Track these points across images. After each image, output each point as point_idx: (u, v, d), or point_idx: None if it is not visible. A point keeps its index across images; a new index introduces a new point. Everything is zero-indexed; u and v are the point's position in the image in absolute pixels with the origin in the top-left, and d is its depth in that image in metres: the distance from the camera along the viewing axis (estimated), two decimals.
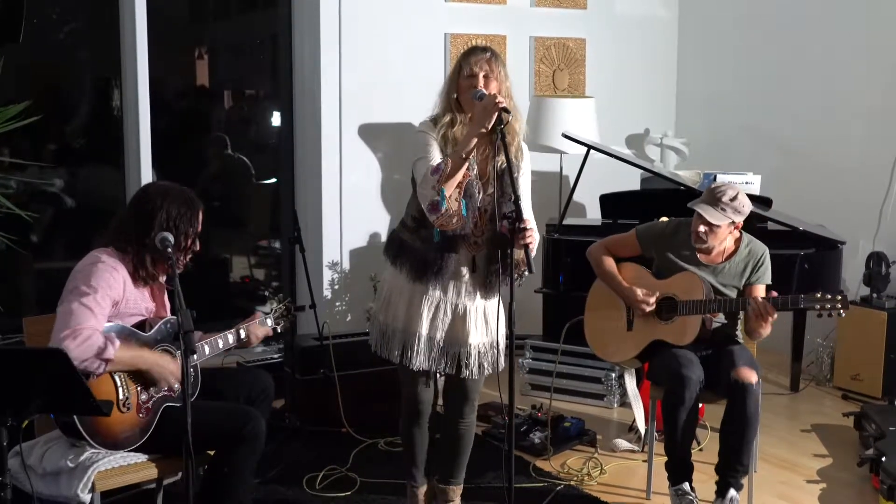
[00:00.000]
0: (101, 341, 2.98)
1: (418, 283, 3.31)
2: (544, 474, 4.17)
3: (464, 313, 3.35)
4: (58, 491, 3.04)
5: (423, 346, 3.33)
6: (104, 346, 2.97)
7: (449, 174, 3.10)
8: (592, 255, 4.08)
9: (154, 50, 5.05)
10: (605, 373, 5.05)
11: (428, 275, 3.29)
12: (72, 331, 2.95)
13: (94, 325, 2.99)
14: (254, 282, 6.25)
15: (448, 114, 3.29)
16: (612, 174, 5.66)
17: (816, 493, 4.09)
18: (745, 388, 3.61)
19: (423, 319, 3.33)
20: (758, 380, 3.65)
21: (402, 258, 3.36)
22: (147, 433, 3.13)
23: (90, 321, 2.99)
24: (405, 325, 3.35)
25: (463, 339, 3.36)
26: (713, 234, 3.74)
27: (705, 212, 3.70)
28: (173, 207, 3.21)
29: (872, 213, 5.52)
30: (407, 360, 3.35)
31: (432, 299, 3.32)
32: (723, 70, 6.43)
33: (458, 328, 3.36)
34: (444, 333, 3.35)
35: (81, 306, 3.00)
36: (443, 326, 3.35)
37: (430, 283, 3.30)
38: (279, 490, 3.94)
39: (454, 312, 3.35)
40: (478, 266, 3.33)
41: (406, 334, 3.35)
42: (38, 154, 5.30)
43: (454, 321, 3.36)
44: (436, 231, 3.25)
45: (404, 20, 5.57)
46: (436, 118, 3.32)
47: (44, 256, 5.42)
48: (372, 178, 5.54)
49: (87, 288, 3.04)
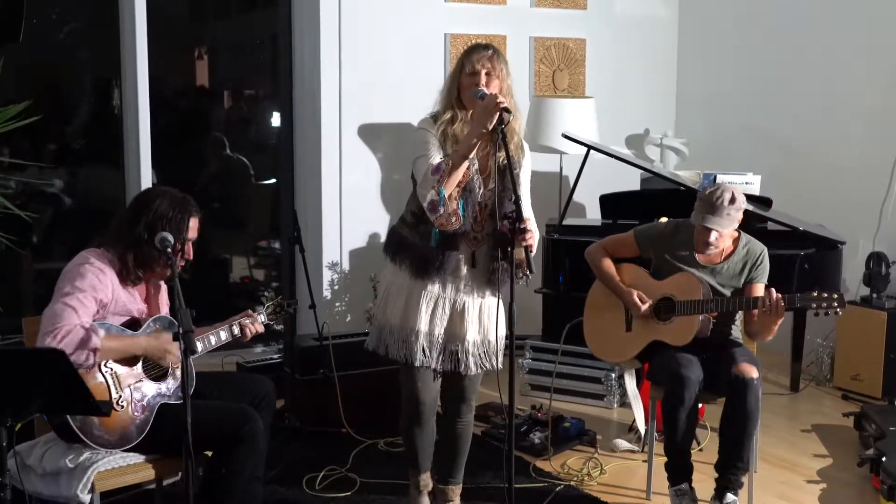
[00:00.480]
0: (83, 333, 2.97)
1: (418, 280, 3.31)
2: (544, 474, 4.17)
3: (462, 309, 3.35)
4: (57, 491, 3.04)
5: (422, 342, 3.32)
6: (87, 337, 2.96)
7: (449, 174, 3.10)
8: (591, 255, 4.08)
9: (154, 50, 5.05)
10: (604, 373, 5.04)
11: (429, 271, 3.28)
12: (52, 330, 2.95)
13: (75, 322, 2.98)
14: (253, 282, 6.26)
15: (449, 111, 3.29)
16: (612, 174, 5.66)
17: (817, 493, 4.08)
18: (746, 382, 3.61)
19: (422, 315, 3.32)
20: (758, 375, 3.65)
21: (401, 255, 3.35)
22: (144, 431, 3.12)
23: (72, 318, 2.98)
24: (403, 322, 3.34)
25: (461, 336, 3.35)
26: (721, 237, 3.75)
27: (715, 225, 3.68)
28: (165, 209, 3.18)
29: (872, 213, 5.52)
30: (406, 357, 3.34)
31: (431, 295, 3.32)
32: (723, 70, 6.43)
33: (457, 324, 3.35)
34: (443, 330, 3.35)
35: (64, 306, 3.00)
36: (441, 322, 3.34)
37: (430, 279, 3.30)
38: (279, 490, 3.93)
39: (452, 308, 3.34)
40: (478, 261, 3.33)
41: (405, 331, 3.34)
42: (37, 154, 5.30)
43: (452, 317, 3.35)
44: (434, 232, 3.25)
45: (404, 20, 5.57)
46: (436, 115, 3.32)
47: (43, 257, 5.42)
48: (372, 179, 5.54)
49: (71, 288, 3.04)
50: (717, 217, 3.69)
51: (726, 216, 3.69)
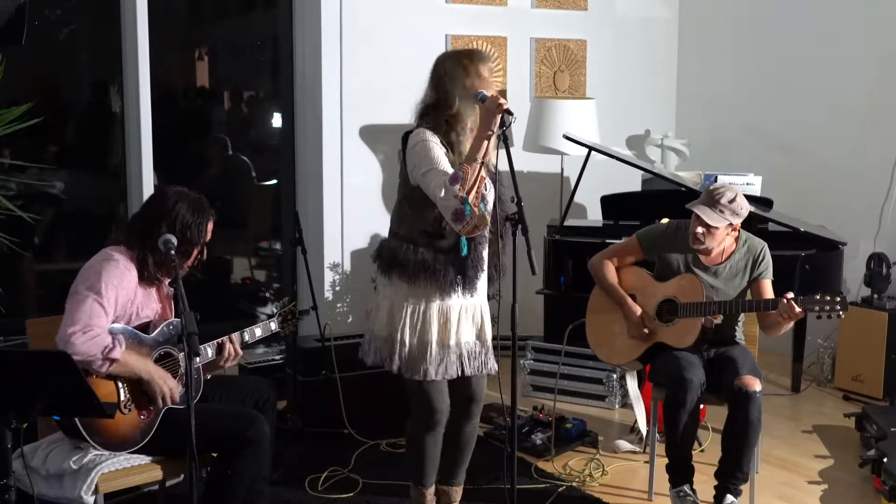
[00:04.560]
0: (109, 340, 2.97)
1: (447, 297, 3.28)
2: (546, 475, 4.17)
3: (469, 314, 3.36)
4: (62, 493, 3.04)
5: (436, 354, 3.31)
6: (112, 346, 2.97)
7: (468, 181, 3.07)
8: (594, 266, 4.07)
9: (154, 51, 5.05)
10: (606, 374, 5.05)
11: (464, 285, 3.26)
12: (82, 326, 2.94)
13: (104, 325, 2.99)
14: (255, 283, 6.25)
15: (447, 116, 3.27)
16: (613, 175, 5.67)
17: (818, 493, 4.09)
18: (749, 396, 3.61)
19: (436, 328, 3.31)
20: (761, 388, 3.65)
21: (423, 276, 3.26)
22: (149, 434, 3.12)
23: (101, 320, 2.99)
24: (419, 339, 3.31)
25: (466, 339, 3.36)
26: (711, 235, 3.73)
27: (703, 213, 3.70)
28: (186, 214, 3.20)
29: (873, 214, 5.53)
30: (424, 372, 3.31)
31: (444, 307, 3.31)
32: (723, 71, 6.43)
33: (463, 329, 3.36)
34: (455, 337, 3.34)
35: (94, 303, 2.99)
36: (454, 331, 3.34)
37: (463, 292, 3.28)
38: (281, 491, 3.93)
39: (460, 315, 3.35)
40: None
41: (421, 346, 3.31)
42: (38, 156, 5.30)
43: (460, 322, 3.36)
44: (463, 242, 3.21)
45: (405, 21, 5.58)
46: (434, 125, 3.27)
47: (45, 258, 5.42)
48: (373, 180, 5.54)
49: (99, 285, 3.03)
50: (707, 207, 3.70)
51: (717, 211, 3.69)
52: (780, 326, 3.71)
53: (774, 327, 3.73)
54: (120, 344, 3.00)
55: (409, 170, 3.27)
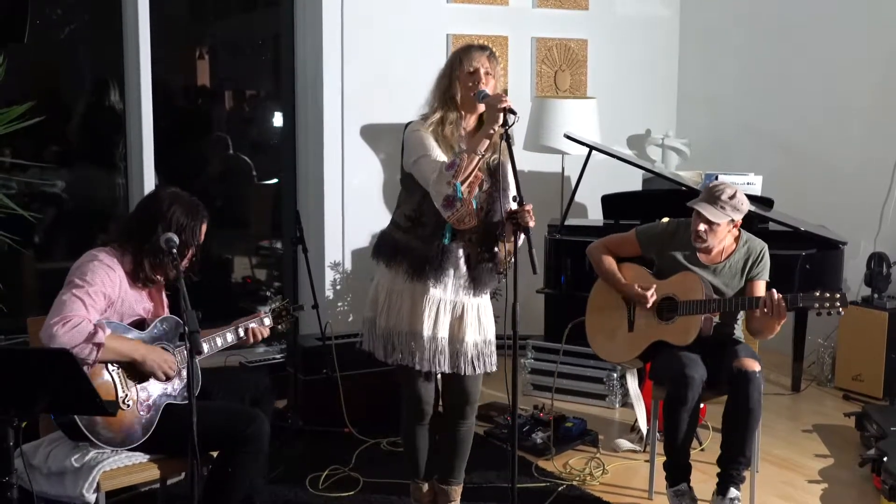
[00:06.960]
0: (91, 327, 2.99)
1: (418, 283, 3.31)
2: (546, 474, 4.17)
3: (461, 311, 3.37)
4: (63, 491, 3.04)
5: (427, 346, 3.33)
6: (94, 332, 2.98)
7: (464, 170, 3.10)
8: (592, 253, 4.09)
9: (155, 50, 5.05)
10: (606, 373, 5.05)
11: (428, 272, 3.29)
12: (61, 317, 2.96)
13: (84, 314, 3.00)
14: (255, 282, 6.25)
15: (439, 112, 3.29)
16: (613, 175, 5.67)
17: (818, 493, 4.09)
18: (748, 376, 3.62)
19: (426, 319, 3.33)
20: (760, 368, 3.66)
21: (397, 259, 3.35)
22: (149, 431, 3.13)
23: (81, 311, 3.00)
24: (410, 327, 3.34)
25: (461, 337, 3.37)
26: (712, 232, 3.75)
27: (704, 210, 3.71)
28: (181, 216, 3.21)
29: (873, 214, 5.53)
30: (413, 361, 3.34)
31: (433, 299, 3.32)
32: (724, 70, 6.43)
33: (456, 326, 3.37)
34: (446, 333, 3.36)
35: (73, 297, 3.02)
36: (444, 326, 3.35)
37: (430, 281, 3.30)
38: (282, 490, 3.94)
39: (453, 311, 3.36)
40: (472, 262, 3.35)
41: (411, 336, 3.34)
42: (39, 154, 5.30)
43: (452, 319, 3.37)
44: (447, 229, 3.25)
45: (406, 20, 5.58)
46: (425, 116, 3.32)
47: (46, 257, 5.42)
48: (374, 179, 5.54)
49: (81, 282, 3.06)
50: (708, 204, 3.71)
51: (718, 207, 3.70)
52: (767, 327, 3.68)
53: (763, 330, 3.72)
54: (103, 328, 3.01)
55: (404, 158, 3.32)
